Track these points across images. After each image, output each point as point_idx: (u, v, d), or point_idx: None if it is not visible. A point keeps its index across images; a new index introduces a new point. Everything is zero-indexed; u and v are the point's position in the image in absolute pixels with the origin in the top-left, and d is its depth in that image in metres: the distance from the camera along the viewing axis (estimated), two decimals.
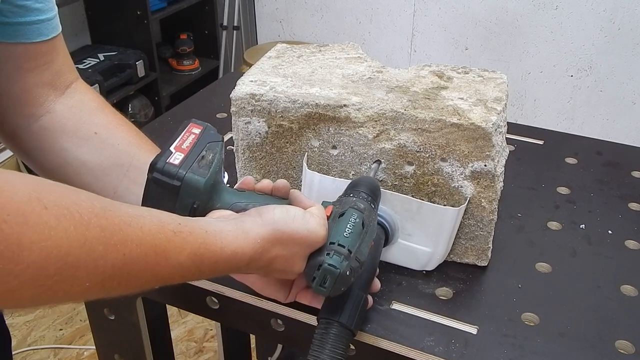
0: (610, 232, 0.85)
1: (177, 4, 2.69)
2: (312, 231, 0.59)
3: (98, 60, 2.45)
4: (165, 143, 0.62)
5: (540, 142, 1.07)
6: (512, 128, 1.02)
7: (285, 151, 0.80)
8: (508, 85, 0.79)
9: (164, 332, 0.99)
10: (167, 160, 0.60)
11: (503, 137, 0.75)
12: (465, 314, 0.71)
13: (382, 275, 0.75)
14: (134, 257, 0.46)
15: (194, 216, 0.59)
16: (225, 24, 2.89)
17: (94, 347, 1.04)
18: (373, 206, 0.67)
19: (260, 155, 0.81)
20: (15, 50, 0.65)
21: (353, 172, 0.78)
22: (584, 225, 0.87)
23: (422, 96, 0.75)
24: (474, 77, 0.80)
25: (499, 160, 0.73)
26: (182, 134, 0.63)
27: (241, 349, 1.48)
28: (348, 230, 0.61)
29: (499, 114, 0.72)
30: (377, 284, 0.71)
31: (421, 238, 0.75)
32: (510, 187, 0.92)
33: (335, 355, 0.60)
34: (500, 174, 0.75)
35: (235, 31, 2.95)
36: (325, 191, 0.75)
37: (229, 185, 0.66)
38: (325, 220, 0.62)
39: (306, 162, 0.78)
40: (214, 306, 0.78)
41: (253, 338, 1.63)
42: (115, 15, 2.54)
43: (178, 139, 0.62)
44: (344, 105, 0.74)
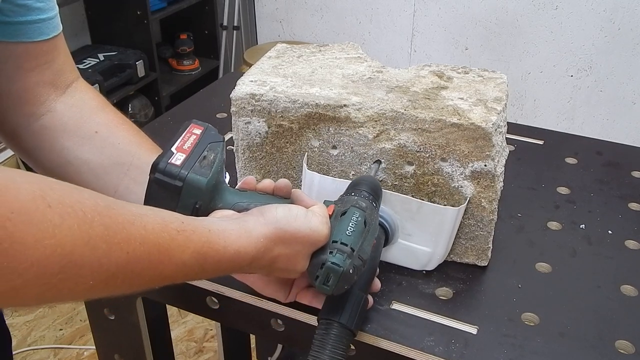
0: (610, 232, 0.85)
1: (177, 4, 2.69)
2: (315, 230, 0.59)
3: (98, 60, 2.45)
4: (166, 144, 0.62)
5: (540, 142, 1.07)
6: (512, 128, 1.02)
7: (285, 151, 0.80)
8: (508, 85, 0.79)
9: (164, 332, 0.99)
10: (169, 161, 0.60)
11: (503, 137, 0.75)
12: (465, 314, 0.71)
13: (382, 275, 0.75)
14: (137, 256, 0.46)
15: (196, 216, 0.59)
16: (225, 24, 2.89)
17: (94, 347, 1.04)
18: (375, 205, 0.67)
19: (260, 155, 0.81)
20: (16, 50, 0.65)
21: (353, 172, 0.78)
22: (584, 225, 0.87)
23: (422, 96, 0.75)
24: (474, 77, 0.80)
25: (499, 160, 0.73)
26: (184, 135, 0.63)
27: (241, 349, 1.48)
28: (350, 229, 0.61)
29: (499, 114, 0.72)
30: (378, 284, 0.71)
31: (421, 238, 0.75)
32: (510, 187, 0.92)
33: (336, 356, 0.60)
34: (500, 174, 0.75)
35: (235, 31, 2.95)
36: (325, 191, 0.75)
37: (229, 185, 0.66)
38: (328, 219, 0.62)
39: (306, 162, 0.78)
40: (214, 306, 0.79)
41: (253, 338, 1.63)
42: (115, 15, 2.54)
43: (179, 140, 0.62)
44: (344, 105, 0.74)
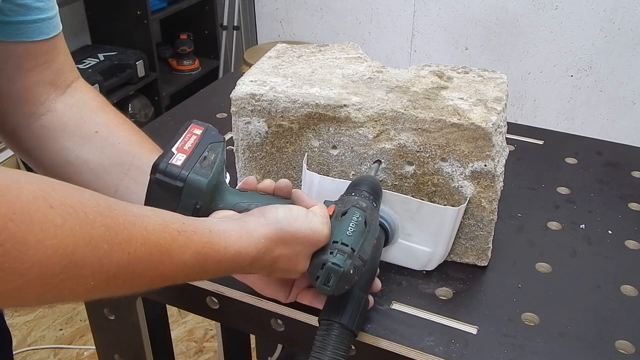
0: (610, 232, 0.85)
1: (177, 4, 2.69)
2: (315, 230, 0.59)
3: (98, 60, 2.45)
4: (167, 144, 0.62)
5: (540, 142, 1.07)
6: (512, 128, 1.02)
7: (286, 151, 0.80)
8: (508, 85, 0.79)
9: (164, 332, 0.99)
10: (170, 162, 0.60)
11: (503, 137, 0.75)
12: (465, 314, 0.71)
13: (382, 275, 0.75)
14: (138, 256, 0.46)
15: (197, 217, 0.59)
16: (225, 24, 2.89)
17: (94, 347, 1.04)
18: (375, 205, 0.67)
19: (260, 155, 0.81)
20: (16, 49, 0.65)
21: (353, 172, 0.78)
22: (584, 225, 0.87)
23: (422, 96, 0.75)
24: (474, 77, 0.80)
25: (499, 160, 0.73)
26: (184, 135, 0.63)
27: (241, 349, 1.48)
28: (351, 229, 0.61)
29: (499, 114, 0.72)
30: (378, 284, 0.71)
31: (421, 238, 0.75)
32: (510, 187, 0.92)
33: (337, 357, 0.60)
34: (500, 174, 0.75)
35: (235, 31, 2.95)
36: (325, 191, 0.75)
37: (230, 185, 0.66)
38: (328, 219, 0.62)
39: (306, 163, 0.78)
40: (214, 306, 0.78)
41: (253, 338, 1.63)
42: (115, 15, 2.54)
43: (180, 140, 0.62)
44: (344, 105, 0.74)
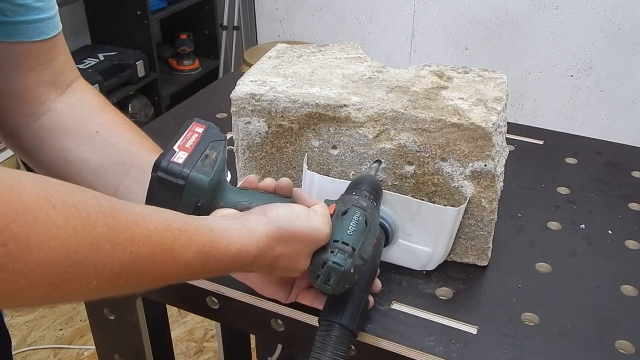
0: (610, 232, 0.85)
1: (177, 4, 2.69)
2: (316, 229, 0.59)
3: (98, 60, 2.45)
4: (168, 142, 0.62)
5: (540, 142, 1.07)
6: (512, 128, 1.02)
7: (286, 151, 0.80)
8: (508, 85, 0.79)
9: (164, 332, 0.99)
10: (171, 159, 0.60)
11: (503, 137, 0.75)
12: (465, 314, 0.71)
13: (382, 275, 0.75)
14: (140, 255, 0.46)
15: (197, 215, 0.59)
16: (225, 24, 2.89)
17: (94, 347, 1.04)
18: (375, 204, 0.67)
19: (260, 155, 0.81)
20: (16, 49, 0.65)
21: (353, 172, 0.78)
22: (584, 225, 0.87)
23: (422, 96, 0.75)
24: (474, 77, 0.80)
25: (499, 160, 0.73)
26: (185, 133, 0.63)
27: (241, 349, 1.48)
28: (351, 228, 0.61)
29: (499, 114, 0.72)
30: (378, 285, 0.71)
31: (421, 238, 0.75)
32: (510, 187, 0.92)
33: (337, 357, 0.60)
34: (500, 173, 0.75)
35: (235, 31, 2.95)
36: (325, 191, 0.75)
37: (230, 184, 0.66)
38: (329, 218, 0.62)
39: (306, 162, 0.78)
40: (214, 306, 0.78)
41: (253, 338, 1.63)
42: (115, 15, 2.54)
43: (181, 138, 0.62)
44: (344, 105, 0.74)
